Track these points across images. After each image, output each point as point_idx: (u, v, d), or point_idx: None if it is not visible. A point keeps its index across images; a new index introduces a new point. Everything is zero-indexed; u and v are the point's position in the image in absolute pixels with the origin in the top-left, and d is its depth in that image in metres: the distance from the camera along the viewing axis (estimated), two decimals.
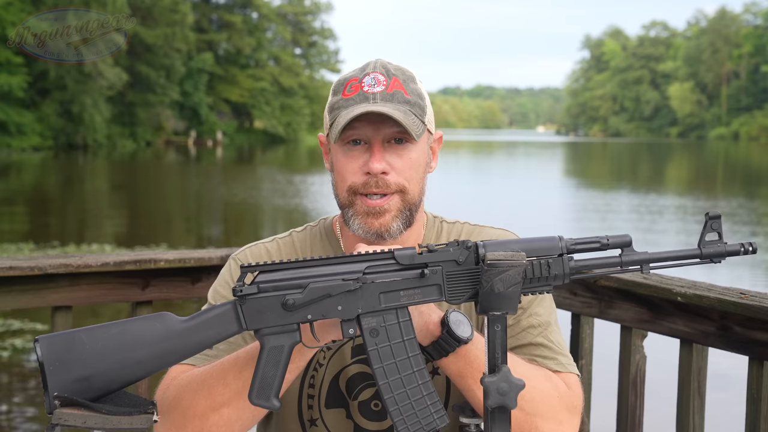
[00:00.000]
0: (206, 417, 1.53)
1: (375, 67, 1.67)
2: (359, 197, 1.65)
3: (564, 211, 20.31)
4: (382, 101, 1.62)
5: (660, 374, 3.36)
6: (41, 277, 2.70)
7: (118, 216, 19.13)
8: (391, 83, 1.65)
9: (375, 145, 1.63)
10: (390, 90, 1.64)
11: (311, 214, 19.16)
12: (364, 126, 1.62)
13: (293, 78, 70.97)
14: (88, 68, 44.15)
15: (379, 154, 1.63)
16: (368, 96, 1.63)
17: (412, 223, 1.69)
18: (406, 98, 1.64)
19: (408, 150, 1.65)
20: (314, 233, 1.83)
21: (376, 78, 1.65)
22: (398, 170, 1.64)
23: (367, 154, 1.64)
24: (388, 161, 1.64)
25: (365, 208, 1.64)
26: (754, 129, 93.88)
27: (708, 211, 1.46)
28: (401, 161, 1.64)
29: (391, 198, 1.64)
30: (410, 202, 1.66)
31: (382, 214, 1.64)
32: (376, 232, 1.65)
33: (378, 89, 1.64)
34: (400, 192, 1.65)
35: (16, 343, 7.52)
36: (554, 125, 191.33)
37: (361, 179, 1.64)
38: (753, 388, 2.33)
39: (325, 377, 1.75)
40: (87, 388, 1.39)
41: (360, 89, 1.64)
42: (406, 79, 1.67)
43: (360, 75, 1.67)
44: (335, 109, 1.66)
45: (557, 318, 1.76)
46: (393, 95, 1.64)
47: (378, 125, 1.62)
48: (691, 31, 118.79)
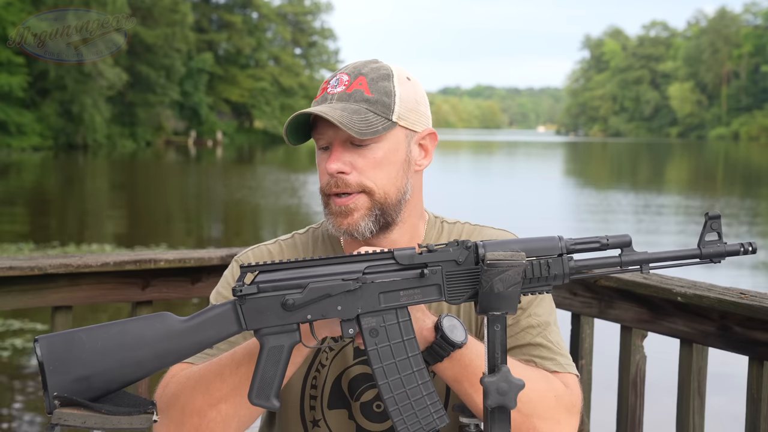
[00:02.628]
0: (204, 413, 1.53)
1: (346, 68, 1.68)
2: (330, 198, 1.66)
3: (564, 211, 20.32)
4: (337, 101, 1.63)
5: (660, 374, 3.36)
6: (41, 277, 2.70)
7: (118, 216, 19.13)
8: (354, 83, 1.64)
9: (334, 145, 1.64)
10: (350, 90, 1.63)
11: (311, 214, 19.16)
12: (325, 129, 1.63)
13: (293, 78, 71.00)
14: (88, 68, 44.15)
15: (336, 154, 1.63)
16: (327, 96, 1.64)
17: (390, 223, 1.67)
18: (365, 96, 1.63)
19: (371, 150, 1.63)
20: (316, 235, 1.82)
21: (339, 78, 1.66)
22: (360, 170, 1.63)
23: (328, 155, 1.65)
24: (349, 161, 1.63)
25: (333, 209, 1.65)
26: (754, 129, 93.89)
27: (708, 211, 1.46)
28: (363, 161, 1.63)
29: (356, 197, 1.64)
30: (380, 202, 1.65)
31: (349, 214, 1.64)
32: (345, 230, 1.65)
33: (338, 89, 1.64)
34: (366, 192, 1.64)
35: (16, 343, 7.52)
36: (554, 125, 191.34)
37: (325, 180, 1.65)
38: (753, 388, 2.33)
39: (327, 378, 1.74)
40: (87, 388, 1.39)
41: (324, 91, 1.66)
42: (376, 78, 1.65)
43: (331, 76, 1.68)
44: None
45: (557, 318, 1.76)
46: (351, 95, 1.63)
47: (336, 127, 1.61)
48: (691, 31, 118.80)
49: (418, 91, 1.70)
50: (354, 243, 1.71)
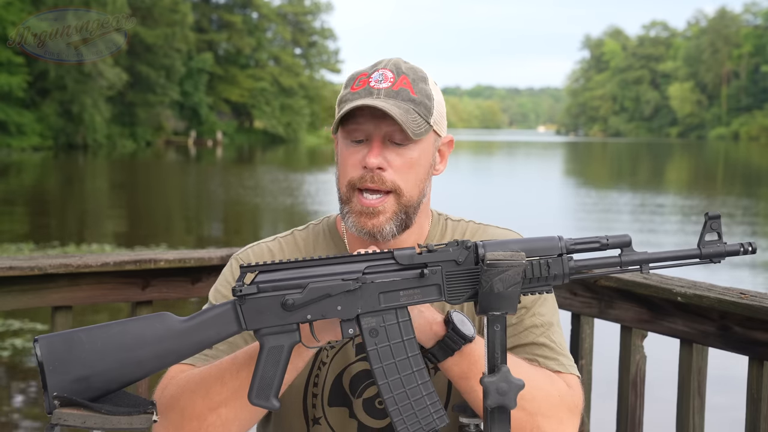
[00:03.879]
0: (204, 417, 1.53)
1: (386, 65, 1.68)
2: (356, 194, 1.64)
3: (564, 211, 20.31)
4: (385, 97, 1.62)
5: (660, 374, 3.36)
6: (41, 277, 2.70)
7: (118, 216, 19.13)
8: (399, 81, 1.65)
9: (374, 140, 1.63)
10: (396, 87, 1.64)
11: (311, 214, 19.16)
12: (366, 121, 1.62)
13: (293, 78, 70.96)
14: (88, 68, 44.14)
15: (377, 149, 1.63)
16: (373, 91, 1.63)
17: (409, 226, 1.68)
18: (411, 96, 1.64)
19: (409, 150, 1.64)
20: (317, 231, 1.82)
21: (384, 74, 1.65)
22: (396, 168, 1.63)
23: (367, 149, 1.64)
24: (386, 158, 1.63)
25: (360, 207, 1.64)
26: (754, 129, 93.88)
27: (707, 211, 1.46)
28: (400, 160, 1.64)
29: (386, 199, 1.64)
30: (406, 204, 1.65)
31: (376, 215, 1.63)
32: (368, 231, 1.64)
33: (384, 85, 1.64)
34: (396, 192, 1.64)
35: (16, 343, 7.52)
36: (554, 125, 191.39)
37: (358, 173, 1.64)
38: (753, 388, 2.33)
39: (328, 375, 1.74)
40: (86, 388, 1.39)
41: (367, 84, 1.65)
42: (416, 79, 1.67)
43: (370, 71, 1.67)
44: (342, 102, 1.67)
45: (560, 319, 1.77)
46: (398, 93, 1.63)
47: (379, 121, 1.61)
48: (691, 31, 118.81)
49: (442, 98, 1.73)
50: (357, 240, 1.71)
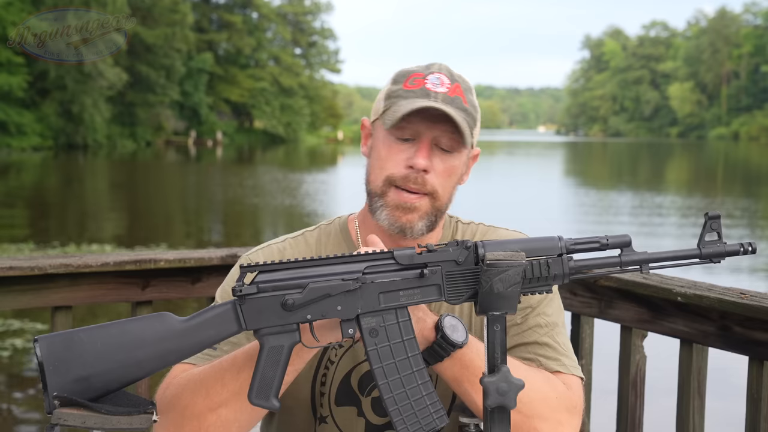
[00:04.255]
0: (204, 417, 1.53)
1: (440, 69, 1.68)
2: (394, 189, 1.65)
3: (564, 211, 20.31)
4: (442, 102, 1.63)
5: (660, 374, 3.36)
6: (41, 277, 2.70)
7: (118, 216, 19.13)
8: (453, 87, 1.66)
9: (424, 141, 1.64)
10: (451, 94, 1.65)
11: (311, 214, 19.16)
12: (418, 121, 1.63)
13: (293, 78, 70.99)
14: (88, 68, 44.15)
15: (426, 151, 1.64)
16: (430, 93, 1.64)
17: (434, 229, 1.71)
18: (464, 106, 1.65)
19: (452, 157, 1.66)
20: (329, 231, 1.82)
21: (440, 78, 1.66)
22: (437, 173, 1.65)
23: (413, 148, 1.64)
24: (431, 161, 1.64)
25: (397, 201, 1.65)
26: (754, 129, 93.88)
27: (707, 211, 1.46)
28: (443, 165, 1.65)
29: (422, 198, 1.65)
30: (438, 208, 1.67)
31: (411, 211, 1.65)
32: (401, 226, 1.65)
33: (441, 90, 1.65)
34: (432, 196, 1.65)
35: (16, 343, 7.51)
36: (554, 125, 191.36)
37: (402, 172, 1.64)
38: (753, 388, 2.33)
39: (336, 375, 1.74)
40: (86, 388, 1.39)
41: (423, 85, 1.65)
42: (466, 88, 1.68)
43: (425, 72, 1.68)
44: (393, 97, 1.67)
45: (564, 321, 1.77)
46: (453, 100, 1.64)
47: (432, 124, 1.62)
48: (691, 31, 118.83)
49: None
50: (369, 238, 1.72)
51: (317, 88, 75.79)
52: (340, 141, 78.78)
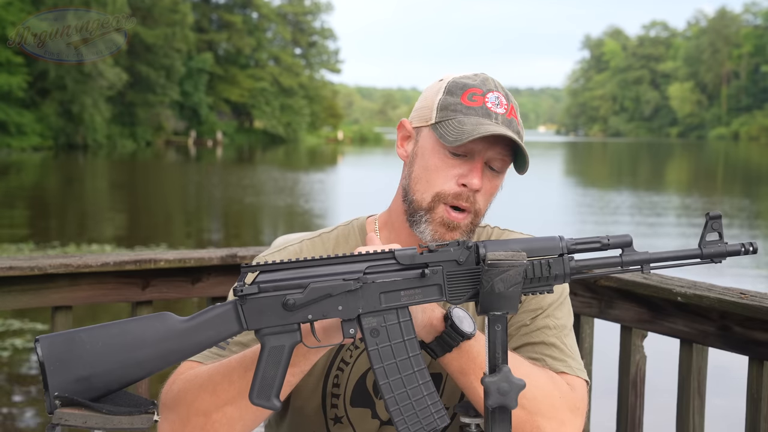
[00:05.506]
0: (209, 414, 1.53)
1: (496, 86, 1.68)
2: (442, 206, 1.65)
3: (564, 211, 20.31)
4: (503, 124, 1.63)
5: (660, 374, 3.36)
6: (41, 277, 2.70)
7: (118, 216, 19.13)
8: (510, 109, 1.66)
9: (479, 161, 1.64)
10: (509, 116, 1.65)
11: (311, 214, 19.16)
12: (477, 140, 1.62)
13: (293, 78, 71.00)
14: (88, 68, 44.15)
15: (481, 171, 1.64)
16: (491, 114, 1.64)
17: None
18: (518, 129, 1.66)
19: (498, 178, 1.68)
20: (347, 232, 1.81)
21: (499, 99, 1.66)
22: (484, 192, 1.66)
23: (466, 166, 1.64)
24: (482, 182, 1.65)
25: (444, 219, 1.65)
26: (754, 129, 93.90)
27: (708, 211, 1.46)
28: (490, 185, 1.66)
29: (467, 216, 1.66)
30: (476, 224, 1.68)
31: (455, 229, 1.65)
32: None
33: (500, 110, 1.64)
34: (475, 213, 1.66)
35: (16, 343, 7.52)
36: (554, 125, 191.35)
37: (454, 189, 1.64)
38: (753, 388, 2.33)
39: (350, 376, 1.74)
40: (87, 388, 1.39)
41: (483, 103, 1.64)
42: (517, 109, 1.69)
43: (483, 88, 1.66)
44: (451, 110, 1.65)
45: (572, 325, 1.77)
46: (510, 122, 1.65)
47: (489, 145, 1.62)
48: (691, 31, 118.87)
49: None
50: (394, 241, 1.73)
51: (317, 88, 75.82)
52: (340, 141, 78.82)
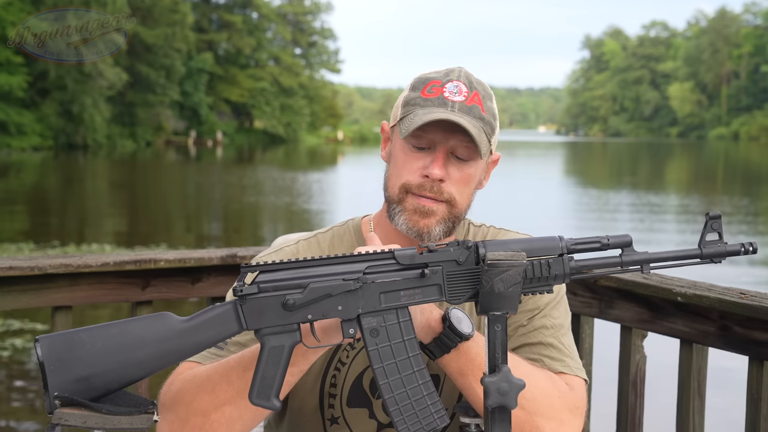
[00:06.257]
0: (208, 414, 1.53)
1: (459, 76, 1.68)
2: (410, 195, 1.66)
3: (564, 211, 20.31)
4: (459, 112, 1.63)
5: (660, 374, 3.36)
6: (41, 277, 2.70)
7: (118, 216, 19.13)
8: (472, 96, 1.65)
9: (440, 151, 1.64)
10: (469, 103, 1.64)
11: (311, 213, 19.16)
12: (435, 131, 1.63)
13: (293, 78, 70.99)
14: (88, 68, 44.14)
15: (442, 161, 1.64)
16: (447, 102, 1.64)
17: (451, 234, 1.71)
18: (481, 114, 1.65)
19: (468, 165, 1.66)
20: (341, 233, 1.82)
21: (458, 87, 1.66)
22: (454, 181, 1.65)
23: (430, 157, 1.64)
24: (447, 171, 1.64)
25: (415, 206, 1.65)
26: (754, 129, 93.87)
27: (708, 211, 1.46)
28: (459, 174, 1.65)
29: (439, 204, 1.65)
30: (455, 215, 1.67)
31: (429, 215, 1.65)
32: (418, 230, 1.66)
33: (458, 98, 1.64)
34: (449, 203, 1.66)
35: (16, 343, 7.51)
36: (554, 125, 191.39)
37: (417, 180, 1.65)
38: (753, 388, 2.33)
39: (347, 376, 1.74)
40: (87, 388, 1.39)
41: (441, 93, 1.65)
42: (485, 96, 1.68)
43: (443, 79, 1.67)
44: (411, 104, 1.67)
45: (570, 324, 1.77)
46: (470, 108, 1.64)
47: (448, 134, 1.62)
48: (691, 31, 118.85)
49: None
50: (386, 241, 1.73)
51: (317, 88, 75.81)
52: (340, 141, 78.82)
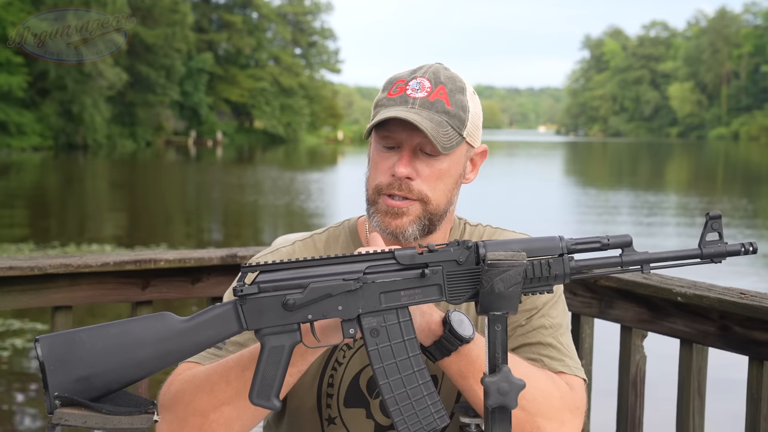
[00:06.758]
0: (207, 414, 1.53)
1: (425, 72, 1.67)
2: (382, 196, 1.66)
3: (564, 211, 20.31)
4: (420, 108, 1.62)
5: (660, 374, 3.36)
6: (41, 277, 2.70)
7: (118, 216, 19.13)
8: (435, 91, 1.64)
9: (405, 149, 1.63)
10: (432, 98, 1.63)
11: (311, 213, 19.17)
12: (399, 129, 1.62)
13: (293, 78, 70.98)
14: (88, 68, 44.15)
15: (407, 159, 1.63)
16: (408, 100, 1.63)
17: (433, 231, 1.69)
18: (446, 108, 1.63)
19: (438, 161, 1.65)
20: (337, 233, 1.82)
21: (421, 83, 1.65)
22: (424, 178, 1.64)
23: (397, 156, 1.64)
24: (416, 168, 1.63)
25: (385, 207, 1.65)
26: (754, 129, 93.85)
27: (708, 211, 1.46)
28: (429, 170, 1.64)
29: (411, 203, 1.65)
30: (431, 212, 1.66)
31: (399, 216, 1.64)
32: (392, 232, 1.65)
33: (420, 95, 1.64)
34: (422, 200, 1.65)
35: (16, 343, 7.52)
36: (554, 125, 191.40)
37: (387, 180, 1.65)
38: (753, 388, 2.33)
39: (344, 376, 1.74)
40: (87, 388, 1.39)
41: (403, 91, 1.65)
42: (453, 89, 1.66)
43: (408, 77, 1.67)
44: (378, 105, 1.67)
45: (569, 324, 1.77)
46: (433, 104, 1.63)
47: (411, 131, 1.62)
48: (691, 31, 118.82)
49: (480, 107, 1.72)
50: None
51: (317, 88, 75.81)
52: (340, 141, 78.80)
